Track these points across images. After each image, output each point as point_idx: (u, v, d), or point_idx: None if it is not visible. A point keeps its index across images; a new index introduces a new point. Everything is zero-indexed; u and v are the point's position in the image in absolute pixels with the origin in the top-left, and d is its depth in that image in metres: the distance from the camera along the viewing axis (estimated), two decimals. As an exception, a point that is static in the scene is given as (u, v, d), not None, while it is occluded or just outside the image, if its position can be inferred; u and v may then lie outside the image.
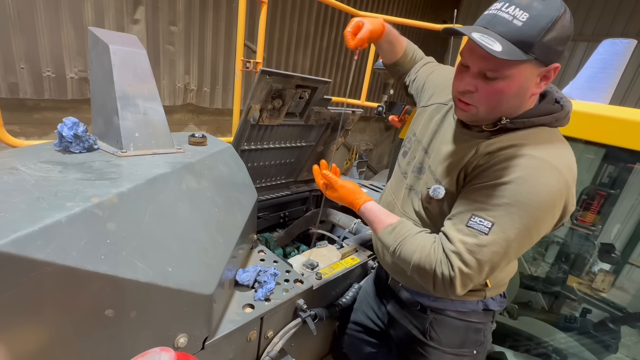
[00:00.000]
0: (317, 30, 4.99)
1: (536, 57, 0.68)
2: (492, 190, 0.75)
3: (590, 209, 2.05)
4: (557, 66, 0.72)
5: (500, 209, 0.73)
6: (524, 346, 1.87)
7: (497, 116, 0.80)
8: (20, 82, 2.70)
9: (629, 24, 5.12)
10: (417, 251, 0.83)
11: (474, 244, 0.75)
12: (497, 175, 0.75)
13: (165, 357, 0.57)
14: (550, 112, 0.80)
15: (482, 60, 0.73)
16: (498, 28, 0.69)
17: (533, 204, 0.72)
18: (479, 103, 0.78)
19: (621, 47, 1.45)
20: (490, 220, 0.74)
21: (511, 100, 0.76)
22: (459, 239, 0.77)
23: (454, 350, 1.03)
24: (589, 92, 1.51)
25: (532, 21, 0.66)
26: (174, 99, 3.70)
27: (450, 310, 1.01)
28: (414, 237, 0.87)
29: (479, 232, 0.74)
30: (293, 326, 1.10)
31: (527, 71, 0.71)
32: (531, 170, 0.72)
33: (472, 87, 0.77)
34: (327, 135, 1.84)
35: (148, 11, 3.22)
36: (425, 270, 0.81)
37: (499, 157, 0.77)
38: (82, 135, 0.94)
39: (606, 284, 2.30)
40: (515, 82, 0.72)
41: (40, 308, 0.58)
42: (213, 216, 0.99)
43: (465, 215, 0.78)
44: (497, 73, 0.72)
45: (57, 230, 0.59)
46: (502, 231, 0.73)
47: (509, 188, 0.73)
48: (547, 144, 0.77)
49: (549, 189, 0.72)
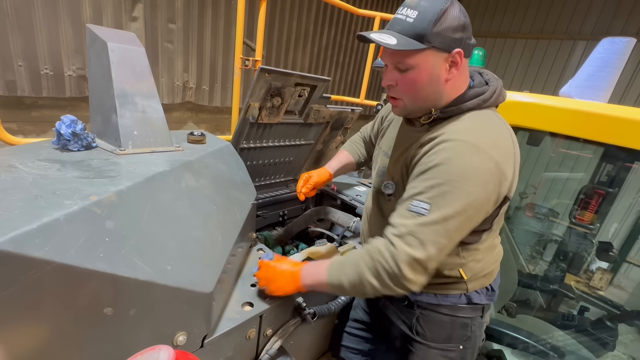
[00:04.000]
0: (317, 28, 4.98)
1: (433, 45, 0.78)
2: (424, 174, 0.81)
3: (588, 207, 2.06)
4: (460, 51, 0.80)
5: (434, 190, 0.78)
6: (522, 344, 1.88)
7: (423, 106, 0.88)
8: (18, 79, 2.69)
9: (628, 23, 5.13)
10: (359, 262, 0.84)
11: (413, 224, 0.78)
12: (428, 161, 0.81)
13: (164, 355, 0.57)
14: (476, 95, 0.87)
15: (390, 56, 0.84)
16: (396, 27, 0.81)
17: (463, 181, 0.77)
18: (402, 95, 0.88)
19: (620, 46, 1.45)
20: (426, 201, 0.78)
21: (427, 87, 0.84)
22: (400, 222, 0.81)
23: (439, 345, 1.04)
24: (588, 91, 1.51)
25: (421, 16, 0.77)
26: (173, 97, 3.69)
27: (437, 305, 1.01)
28: (349, 259, 0.88)
29: (418, 213, 0.79)
30: (292, 324, 1.10)
31: (431, 59, 0.80)
32: (456, 151, 0.79)
33: (392, 82, 0.87)
34: (327, 133, 1.83)
35: (146, 9, 3.21)
36: (375, 268, 0.81)
37: (430, 146, 0.83)
38: (81, 133, 0.94)
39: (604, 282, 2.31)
40: (424, 69, 0.81)
41: (38, 306, 0.58)
42: (212, 214, 0.98)
43: (406, 203, 0.83)
44: (404, 64, 0.82)
45: (55, 228, 0.58)
46: (439, 210, 0.77)
47: (439, 169, 0.78)
48: (471, 127, 0.83)
49: (475, 166, 0.78)
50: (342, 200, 1.87)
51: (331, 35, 5.23)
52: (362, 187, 2.05)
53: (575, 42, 5.55)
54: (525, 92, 1.44)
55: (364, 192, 1.95)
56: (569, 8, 5.57)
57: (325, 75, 5.33)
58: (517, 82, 6.15)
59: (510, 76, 6.23)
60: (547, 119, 1.33)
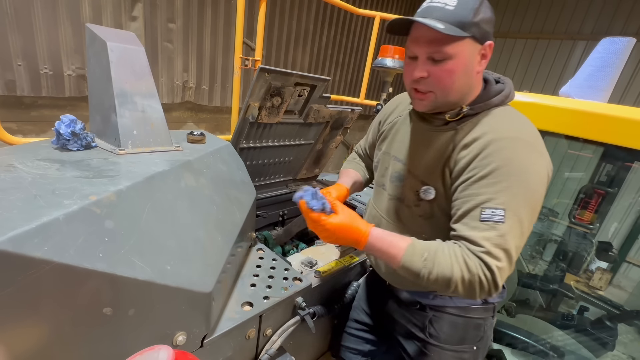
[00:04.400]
0: (316, 28, 4.98)
1: (472, 34, 0.76)
2: (487, 179, 0.78)
3: (588, 207, 2.06)
4: (491, 43, 0.80)
5: (504, 194, 0.76)
6: (521, 344, 1.88)
7: (453, 100, 0.85)
8: (18, 79, 2.68)
9: (628, 23, 5.13)
10: (455, 265, 0.77)
11: (496, 236, 0.75)
12: (484, 164, 0.78)
13: (163, 355, 0.57)
14: (499, 91, 0.87)
15: (427, 45, 0.79)
16: (435, 15, 0.77)
17: (528, 180, 0.76)
18: (434, 87, 0.83)
19: (620, 46, 1.45)
20: (500, 207, 0.75)
21: (462, 78, 0.81)
22: (481, 237, 0.76)
23: (454, 347, 1.04)
24: (588, 91, 1.51)
25: (462, 4, 0.75)
26: (173, 97, 3.69)
27: (450, 307, 1.01)
28: (442, 251, 0.80)
29: (496, 222, 0.75)
30: (292, 324, 1.10)
31: (469, 49, 0.79)
32: (513, 150, 0.77)
33: (425, 73, 0.82)
34: (326, 133, 1.83)
35: (146, 8, 3.20)
36: (470, 281, 0.76)
37: (477, 146, 0.81)
38: (80, 133, 0.93)
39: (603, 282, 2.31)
40: (461, 60, 0.79)
41: (37, 306, 0.58)
42: (212, 214, 0.98)
43: (474, 212, 0.78)
44: (443, 54, 0.78)
45: (54, 228, 0.58)
46: (515, 214, 0.75)
47: (502, 172, 0.76)
48: (511, 123, 0.83)
49: (533, 162, 0.78)
50: (342, 200, 1.86)
51: (331, 35, 5.23)
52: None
53: (575, 42, 5.55)
54: (525, 92, 1.44)
55: (363, 192, 1.95)
56: (568, 8, 5.58)
57: (325, 75, 5.33)
58: (517, 82, 6.14)
59: (510, 76, 6.16)
60: (547, 118, 1.33)
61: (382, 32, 5.53)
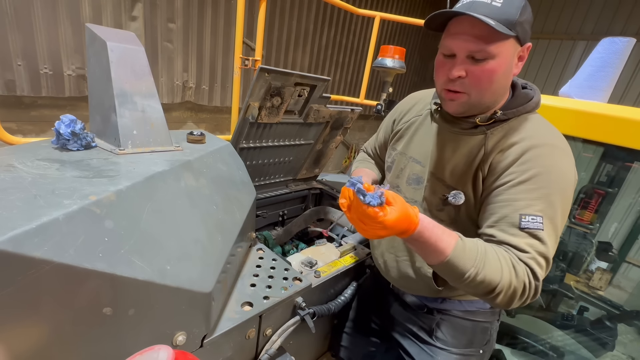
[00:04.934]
0: (317, 28, 4.98)
1: (517, 34, 0.73)
2: (526, 185, 0.76)
3: (588, 207, 2.06)
4: (530, 45, 0.78)
5: (542, 201, 0.75)
6: (521, 344, 1.88)
7: (488, 101, 0.82)
8: (18, 79, 2.68)
9: (628, 23, 5.13)
10: (504, 269, 0.73)
11: (540, 244, 0.74)
12: (523, 170, 0.77)
13: (163, 355, 0.57)
14: (530, 98, 0.85)
15: (469, 43, 0.74)
16: (480, 10, 0.71)
17: (566, 187, 0.76)
18: (470, 88, 0.79)
19: (620, 46, 1.45)
20: (539, 214, 0.74)
21: (501, 80, 0.78)
22: (525, 243, 0.74)
23: (461, 351, 1.03)
24: (588, 91, 1.51)
25: (509, 1, 0.72)
26: (173, 97, 3.69)
27: (458, 311, 1.00)
28: (492, 253, 0.75)
29: (537, 229, 0.74)
30: (292, 324, 1.10)
31: (511, 49, 0.76)
32: (553, 157, 0.77)
33: (462, 72, 0.77)
34: (326, 133, 1.83)
35: (146, 8, 3.20)
36: (515, 288, 0.73)
37: (515, 152, 0.79)
38: (80, 133, 0.93)
39: (603, 282, 2.31)
40: (503, 60, 0.75)
41: (37, 306, 0.58)
42: (211, 214, 0.98)
43: (512, 219, 0.76)
44: (485, 53, 0.74)
45: (54, 228, 0.58)
46: (551, 221, 0.75)
47: (542, 179, 0.75)
48: (547, 130, 0.82)
49: (569, 168, 0.78)
50: (342, 200, 1.86)
51: (331, 35, 5.23)
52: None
53: (575, 42, 5.55)
54: (525, 92, 1.43)
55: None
56: (568, 8, 5.58)
57: (325, 75, 5.33)
58: (517, 82, 6.15)
59: (510, 76, 6.23)
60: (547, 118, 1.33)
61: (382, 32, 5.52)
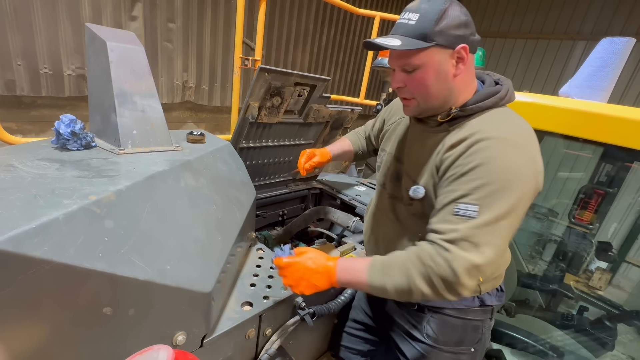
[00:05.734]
0: (316, 28, 4.98)
1: (437, 42, 0.80)
2: (466, 176, 0.78)
3: (587, 207, 2.06)
4: (465, 46, 0.82)
5: (481, 190, 0.76)
6: (521, 344, 1.88)
7: (436, 104, 0.88)
8: (17, 79, 2.68)
9: (627, 23, 5.13)
10: (408, 265, 0.78)
11: (466, 228, 0.75)
12: (466, 162, 0.79)
13: (163, 354, 0.57)
14: (493, 93, 0.88)
15: (396, 59, 0.86)
16: (399, 31, 0.84)
17: (509, 179, 0.75)
18: (413, 94, 0.89)
19: (620, 46, 1.45)
20: (475, 203, 0.75)
21: (436, 84, 0.85)
22: (448, 228, 0.77)
23: (451, 349, 1.04)
24: (588, 91, 1.51)
25: (423, 17, 0.80)
26: (172, 97, 3.69)
27: (448, 309, 1.01)
28: (399, 257, 0.82)
29: (467, 217, 0.76)
30: (291, 324, 1.10)
31: (436, 56, 0.82)
32: (497, 149, 0.77)
33: (401, 83, 0.89)
34: (326, 133, 1.83)
35: (146, 8, 3.20)
36: (428, 276, 0.76)
37: (463, 146, 0.81)
38: (80, 133, 0.93)
39: (603, 282, 2.31)
40: (430, 67, 0.83)
41: (37, 306, 0.58)
42: (211, 214, 0.98)
43: (449, 207, 0.79)
44: (410, 65, 0.84)
45: (54, 227, 0.58)
46: (489, 211, 0.75)
47: (483, 169, 0.77)
48: (502, 124, 0.83)
49: (518, 163, 0.77)
50: (342, 200, 1.87)
51: (331, 34, 5.23)
52: (362, 187, 2.05)
53: (575, 42, 5.55)
54: (525, 92, 1.44)
55: (363, 192, 1.95)
56: (568, 8, 5.58)
57: (325, 74, 5.33)
58: (517, 82, 6.15)
59: (510, 76, 6.20)
60: (547, 118, 1.33)
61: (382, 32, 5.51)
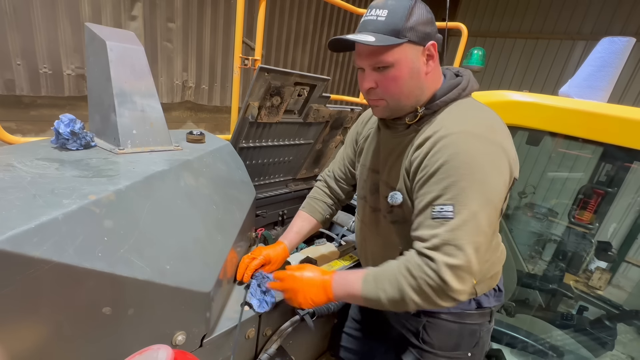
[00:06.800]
0: (316, 28, 4.97)
1: (409, 38, 0.78)
2: (435, 177, 0.78)
3: (587, 207, 2.06)
4: (434, 43, 0.82)
5: (452, 189, 0.75)
6: (521, 343, 1.88)
7: (407, 103, 0.86)
8: (17, 78, 2.68)
9: (627, 23, 5.13)
10: (399, 277, 0.78)
11: (445, 232, 0.74)
12: (432, 162, 0.79)
13: (163, 354, 0.57)
14: (454, 85, 0.87)
15: (368, 57, 0.82)
16: (369, 28, 0.81)
17: (477, 172, 0.75)
18: (384, 95, 0.85)
19: (620, 46, 1.45)
20: (448, 203, 0.75)
21: (409, 82, 0.83)
22: (429, 234, 0.77)
23: (447, 354, 1.02)
24: (587, 91, 1.51)
25: (392, 13, 0.78)
26: (172, 97, 3.69)
27: (444, 313, 0.99)
28: (389, 268, 0.82)
29: (444, 218, 0.75)
30: (291, 324, 1.10)
31: (409, 53, 0.80)
32: (459, 144, 0.77)
33: (372, 84, 0.85)
34: (326, 133, 1.83)
35: (145, 7, 3.20)
36: (419, 287, 0.76)
37: (428, 146, 0.81)
38: (79, 132, 0.93)
39: (603, 281, 2.31)
40: (404, 64, 0.80)
41: (37, 306, 0.58)
42: (211, 214, 0.98)
43: (426, 211, 0.79)
44: (383, 62, 0.80)
45: (53, 227, 0.58)
46: (464, 208, 0.74)
47: (448, 167, 0.76)
48: (463, 117, 0.83)
49: (483, 153, 0.77)
50: (342, 199, 1.86)
51: (331, 34, 5.23)
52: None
53: (575, 41, 5.55)
54: (525, 92, 1.44)
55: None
56: (568, 8, 5.58)
57: (325, 74, 5.32)
58: (517, 82, 6.15)
59: (510, 76, 6.23)
60: (547, 118, 1.33)
61: (381, 32, 5.46)
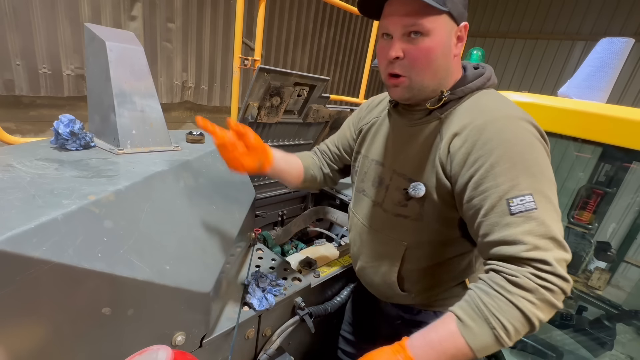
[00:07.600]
0: (316, 28, 4.98)
1: (450, 10, 0.72)
2: (500, 166, 0.69)
3: (586, 207, 2.06)
4: (467, 25, 0.78)
5: (522, 177, 0.68)
6: (520, 343, 1.88)
7: (430, 84, 0.80)
8: (16, 78, 2.68)
9: (626, 23, 5.14)
10: (514, 299, 0.63)
11: (537, 226, 0.65)
12: (488, 151, 0.71)
13: (162, 355, 0.57)
14: (480, 74, 0.84)
15: (404, 18, 0.74)
16: None
17: (539, 154, 0.70)
18: (410, 69, 0.78)
19: (619, 46, 1.45)
20: (526, 192, 0.66)
21: (440, 59, 0.77)
22: (520, 232, 0.65)
23: None
24: (587, 91, 1.51)
25: None
26: (172, 97, 3.69)
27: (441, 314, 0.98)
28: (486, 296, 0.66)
29: (529, 210, 0.66)
30: (291, 324, 1.10)
31: (446, 26, 0.75)
32: (512, 129, 0.72)
33: (400, 52, 0.76)
34: (326, 133, 1.83)
35: (145, 8, 3.20)
36: (540, 299, 0.63)
37: (472, 134, 0.74)
38: (79, 133, 0.93)
39: (602, 282, 2.31)
40: (439, 37, 0.74)
41: (36, 306, 0.58)
42: (211, 214, 0.98)
43: (500, 208, 0.68)
44: (418, 26, 0.73)
45: (53, 228, 0.58)
46: (542, 195, 0.67)
47: (512, 153, 0.69)
48: (499, 103, 0.79)
49: (535, 137, 0.72)
50: (341, 200, 1.87)
51: (330, 34, 5.23)
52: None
53: (574, 42, 5.57)
54: (524, 92, 1.44)
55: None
56: (567, 8, 5.59)
57: (325, 74, 5.33)
58: (516, 82, 6.16)
59: (509, 76, 6.24)
60: (546, 119, 1.34)
61: (381, 32, 5.47)
